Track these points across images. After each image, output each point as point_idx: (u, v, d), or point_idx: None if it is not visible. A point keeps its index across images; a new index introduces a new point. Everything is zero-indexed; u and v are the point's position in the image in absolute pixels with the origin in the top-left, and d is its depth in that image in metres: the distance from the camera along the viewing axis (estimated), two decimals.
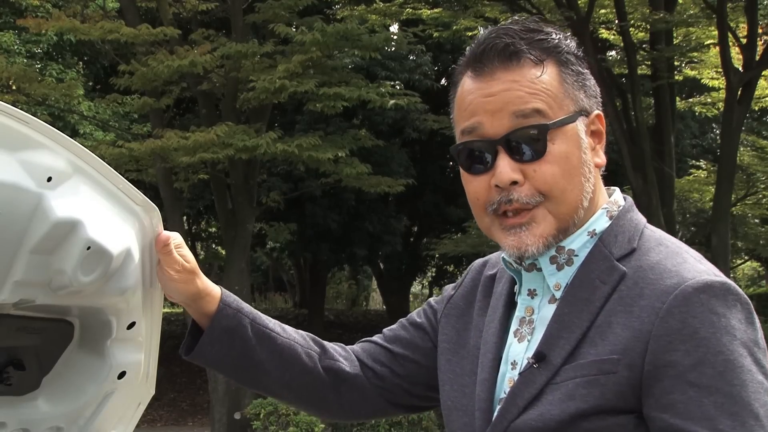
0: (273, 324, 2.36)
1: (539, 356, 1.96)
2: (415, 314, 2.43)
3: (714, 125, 26.02)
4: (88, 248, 2.14)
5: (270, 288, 37.01)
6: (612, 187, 2.13)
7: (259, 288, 32.38)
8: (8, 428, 2.43)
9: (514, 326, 2.09)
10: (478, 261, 2.36)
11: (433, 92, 23.41)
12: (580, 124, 2.02)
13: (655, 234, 2.05)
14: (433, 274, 35.63)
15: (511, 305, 2.13)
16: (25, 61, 20.53)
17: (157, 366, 2.57)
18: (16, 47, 21.30)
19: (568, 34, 2.11)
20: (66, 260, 2.13)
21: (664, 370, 1.86)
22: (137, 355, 2.45)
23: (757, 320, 1.95)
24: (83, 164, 2.14)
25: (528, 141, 1.97)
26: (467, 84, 2.04)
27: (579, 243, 2.03)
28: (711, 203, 18.00)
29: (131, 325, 2.40)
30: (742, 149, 19.58)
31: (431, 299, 2.43)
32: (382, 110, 20.68)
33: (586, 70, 2.07)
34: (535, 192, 1.98)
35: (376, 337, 2.44)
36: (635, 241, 2.02)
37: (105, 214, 2.19)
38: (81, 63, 23.49)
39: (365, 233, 25.82)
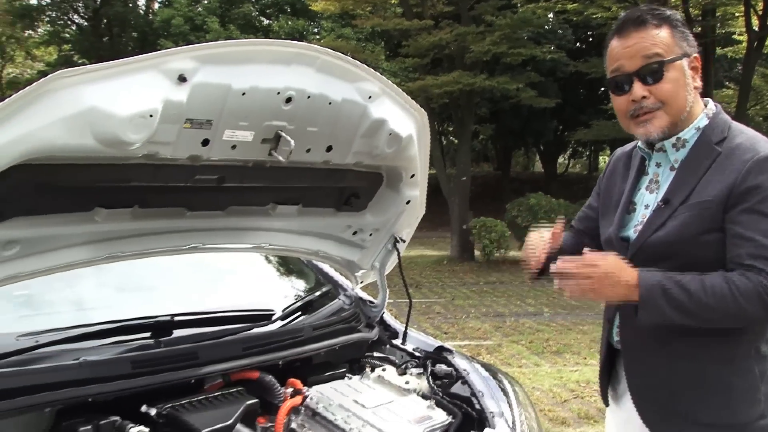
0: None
1: (665, 200, 1.81)
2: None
3: (738, 64, 23.38)
4: (390, 134, 2.10)
5: (481, 160, 36.61)
6: (707, 99, 1.90)
7: (474, 160, 32.11)
8: (352, 228, 2.48)
9: (644, 184, 1.92)
10: (619, 150, 2.10)
11: (573, 50, 22.25)
12: (685, 62, 1.81)
13: (739, 126, 1.83)
14: (571, 152, 34.47)
15: (641, 174, 1.95)
16: (354, 42, 20.69)
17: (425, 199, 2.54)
18: (351, 35, 21.56)
19: (677, 12, 1.90)
20: (379, 140, 2.10)
21: (740, 205, 1.69)
22: (416, 192, 2.42)
23: None
24: (387, 89, 2.09)
25: (651, 72, 1.78)
26: (613, 43, 1.85)
27: (689, 134, 1.83)
28: (735, 109, 16.41)
29: (412, 176, 2.36)
30: (755, 77, 17.83)
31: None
32: (543, 61, 19.74)
33: (687, 31, 1.85)
34: (657, 101, 1.79)
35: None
36: (726, 131, 1.81)
37: (398, 115, 2.14)
38: (383, 41, 23.46)
39: (533, 130, 25.02)
